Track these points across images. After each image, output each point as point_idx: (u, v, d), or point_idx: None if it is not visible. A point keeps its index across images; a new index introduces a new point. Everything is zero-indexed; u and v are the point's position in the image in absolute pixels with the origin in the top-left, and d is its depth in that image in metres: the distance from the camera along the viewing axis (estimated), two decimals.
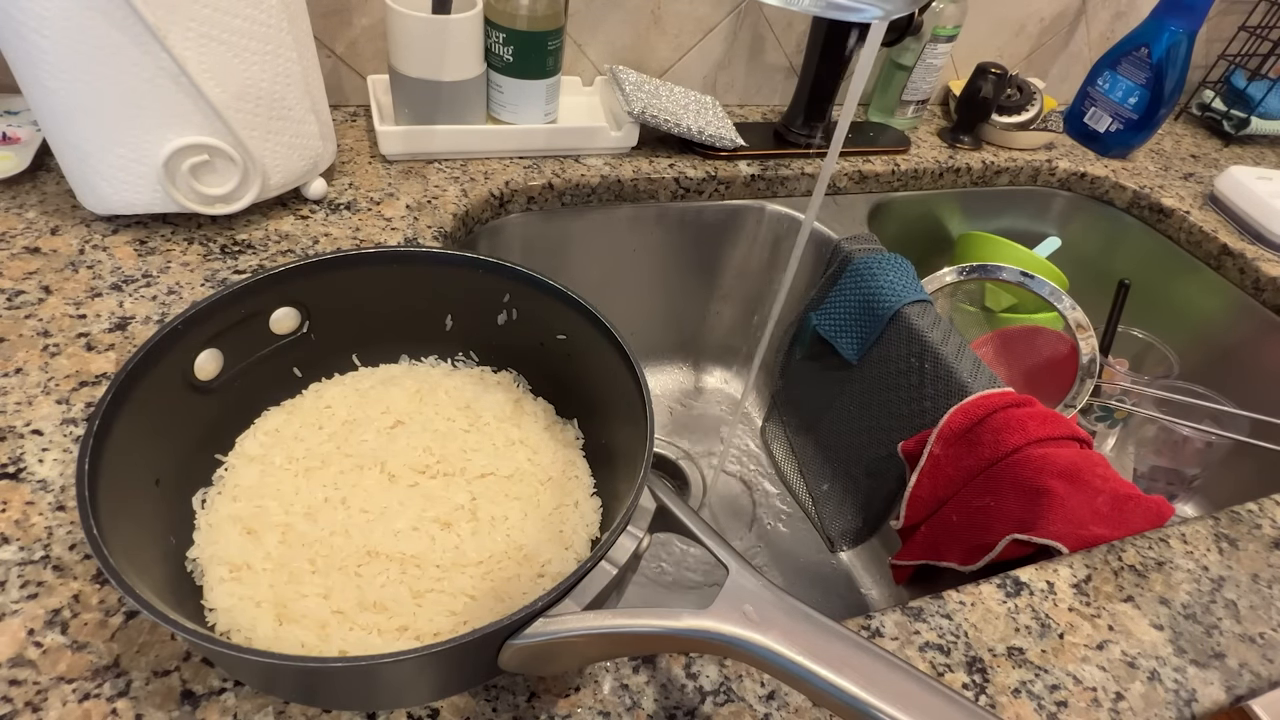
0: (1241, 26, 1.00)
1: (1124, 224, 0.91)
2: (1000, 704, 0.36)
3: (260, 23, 0.48)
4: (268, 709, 0.31)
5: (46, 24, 0.43)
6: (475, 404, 0.41)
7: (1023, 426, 0.53)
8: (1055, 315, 0.73)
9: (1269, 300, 0.78)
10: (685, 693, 0.35)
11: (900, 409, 0.66)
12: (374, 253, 0.39)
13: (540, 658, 0.28)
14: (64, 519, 0.37)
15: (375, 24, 0.70)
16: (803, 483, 0.78)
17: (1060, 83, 1.05)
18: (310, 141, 0.56)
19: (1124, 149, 0.93)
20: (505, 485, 0.38)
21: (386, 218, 0.60)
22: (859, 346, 0.69)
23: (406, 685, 0.28)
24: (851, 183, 0.81)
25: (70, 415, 0.41)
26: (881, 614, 0.39)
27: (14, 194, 0.55)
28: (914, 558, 0.59)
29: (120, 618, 0.33)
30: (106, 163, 0.49)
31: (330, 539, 0.34)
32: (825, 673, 0.25)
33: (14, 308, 0.46)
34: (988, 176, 0.88)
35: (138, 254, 0.52)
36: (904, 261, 0.68)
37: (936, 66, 0.84)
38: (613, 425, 0.38)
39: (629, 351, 0.36)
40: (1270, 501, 0.50)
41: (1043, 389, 0.71)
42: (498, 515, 0.36)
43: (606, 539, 0.29)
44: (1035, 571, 0.43)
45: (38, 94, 0.47)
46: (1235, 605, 0.43)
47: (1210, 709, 0.38)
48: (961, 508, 0.55)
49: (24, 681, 0.31)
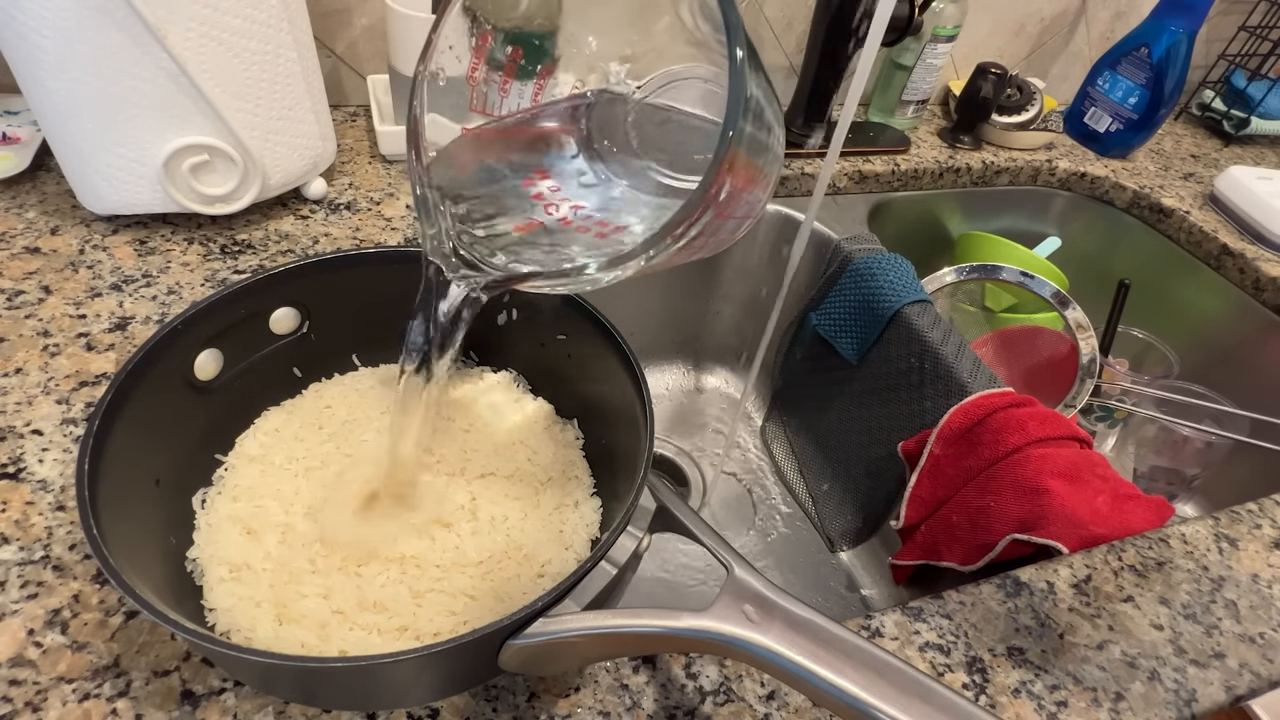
0: (1241, 26, 1.00)
1: (1124, 224, 0.91)
2: (1000, 704, 0.36)
3: (260, 23, 0.48)
4: (268, 709, 0.31)
5: (46, 24, 0.43)
6: (476, 404, 0.41)
7: (1023, 426, 0.53)
8: (1055, 315, 0.73)
9: (1269, 300, 0.78)
10: (685, 693, 0.35)
11: (900, 409, 0.65)
12: (374, 253, 0.39)
13: (540, 658, 0.28)
14: (64, 519, 0.37)
15: (375, 24, 0.70)
16: (803, 483, 0.78)
17: (1060, 83, 1.05)
18: (310, 141, 0.56)
19: (1124, 149, 0.93)
20: (505, 485, 0.38)
21: (386, 218, 0.60)
22: (859, 346, 0.69)
23: (406, 685, 0.28)
24: (851, 183, 0.81)
25: (70, 415, 0.41)
26: (881, 614, 0.39)
27: (14, 194, 0.55)
28: (914, 558, 0.59)
29: (120, 618, 0.33)
30: (106, 163, 0.49)
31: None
32: (825, 673, 0.25)
33: (14, 308, 0.46)
34: (988, 176, 0.88)
35: (138, 254, 0.52)
36: (904, 261, 0.68)
37: (936, 66, 0.84)
38: (613, 425, 0.38)
39: (629, 351, 0.36)
40: (1270, 501, 0.50)
41: (1043, 389, 0.71)
42: (498, 515, 0.36)
43: (606, 539, 0.29)
44: (1035, 571, 0.43)
45: (38, 94, 0.47)
46: (1235, 605, 0.43)
47: (1210, 709, 0.38)
48: (961, 508, 0.55)
49: (24, 681, 0.31)
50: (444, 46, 0.30)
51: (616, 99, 0.34)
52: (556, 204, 0.32)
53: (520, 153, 0.34)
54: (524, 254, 0.30)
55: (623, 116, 0.34)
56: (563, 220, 0.32)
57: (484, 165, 0.33)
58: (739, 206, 0.26)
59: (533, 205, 0.32)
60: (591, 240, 0.31)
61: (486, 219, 0.32)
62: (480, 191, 0.32)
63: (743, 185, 0.25)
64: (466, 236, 0.31)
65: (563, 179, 0.33)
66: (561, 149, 0.34)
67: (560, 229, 0.31)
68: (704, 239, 0.26)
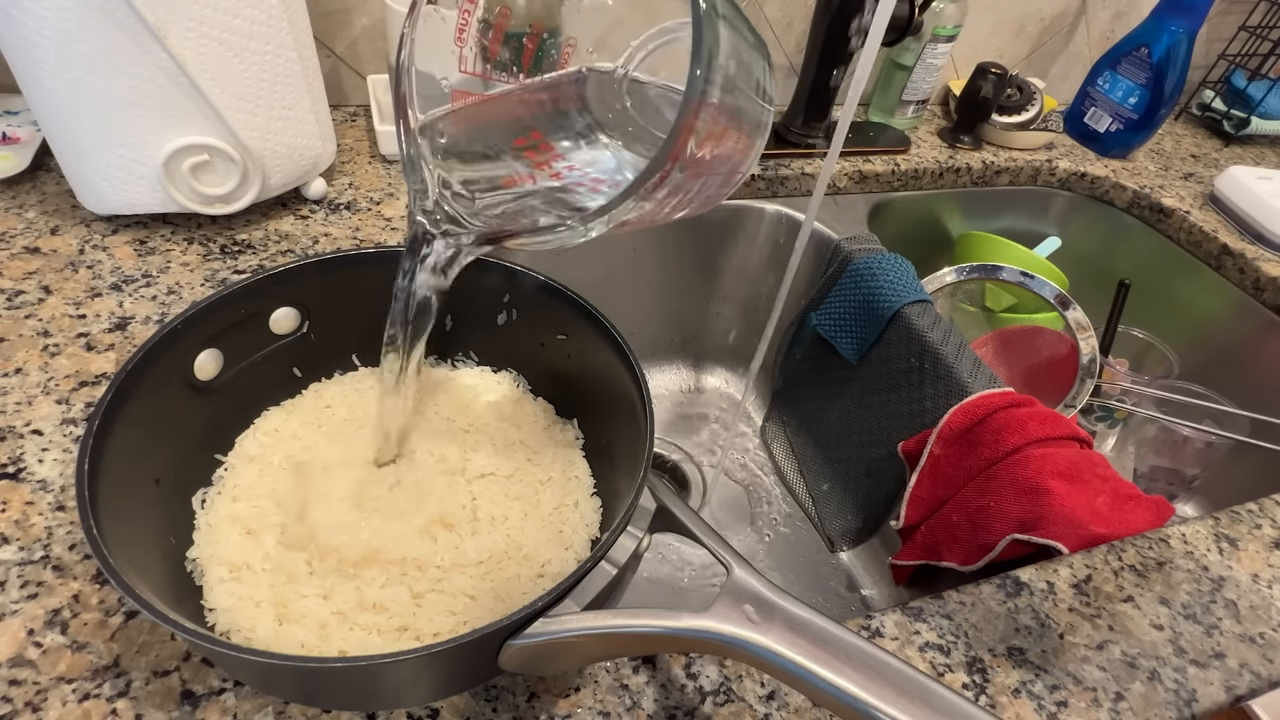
0: (1241, 26, 1.00)
1: (1124, 224, 0.91)
2: (1000, 704, 0.36)
3: (260, 23, 0.48)
4: (268, 709, 0.31)
5: (46, 24, 0.43)
6: (475, 404, 0.41)
7: (1023, 426, 0.53)
8: (1055, 315, 0.73)
9: (1269, 300, 0.78)
10: (685, 693, 0.35)
11: (900, 409, 0.66)
12: (374, 253, 0.39)
13: (540, 658, 0.28)
14: (64, 519, 0.37)
15: (375, 24, 0.70)
16: (803, 483, 0.78)
17: (1060, 83, 1.05)
18: (310, 141, 0.56)
19: (1124, 149, 0.93)
20: (505, 485, 0.38)
21: (386, 218, 0.60)
22: (859, 346, 0.69)
23: (406, 685, 0.28)
24: (851, 183, 0.81)
25: (70, 415, 0.41)
26: (881, 614, 0.39)
27: (14, 194, 0.55)
28: (914, 558, 0.59)
29: (120, 618, 0.33)
30: (106, 163, 0.49)
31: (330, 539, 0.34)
32: (825, 673, 0.25)
33: (14, 308, 0.46)
34: (988, 176, 0.88)
35: (138, 254, 0.52)
36: (904, 261, 0.68)
37: (936, 66, 0.84)
38: (613, 425, 0.38)
39: (629, 351, 0.36)
40: (1270, 501, 0.50)
41: (1043, 389, 0.71)
42: (498, 515, 0.36)
43: (606, 539, 0.29)
44: (1035, 571, 0.43)
45: (38, 94, 0.47)
46: (1235, 605, 0.43)
47: (1210, 709, 0.38)
48: (961, 508, 0.55)
49: (24, 681, 0.31)
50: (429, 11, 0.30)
51: (608, 74, 0.34)
52: (549, 163, 0.32)
53: (515, 117, 0.34)
54: (508, 210, 0.31)
55: (619, 83, 0.34)
56: (554, 176, 0.32)
57: (477, 127, 0.33)
58: (718, 164, 0.26)
59: (525, 165, 0.33)
60: (586, 196, 0.31)
61: (476, 178, 0.32)
62: (471, 151, 0.33)
63: (719, 141, 0.25)
64: (451, 192, 0.31)
65: (558, 141, 0.34)
66: (558, 114, 0.34)
67: (553, 187, 0.32)
68: (682, 196, 0.26)
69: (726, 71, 0.24)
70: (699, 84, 0.23)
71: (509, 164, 0.33)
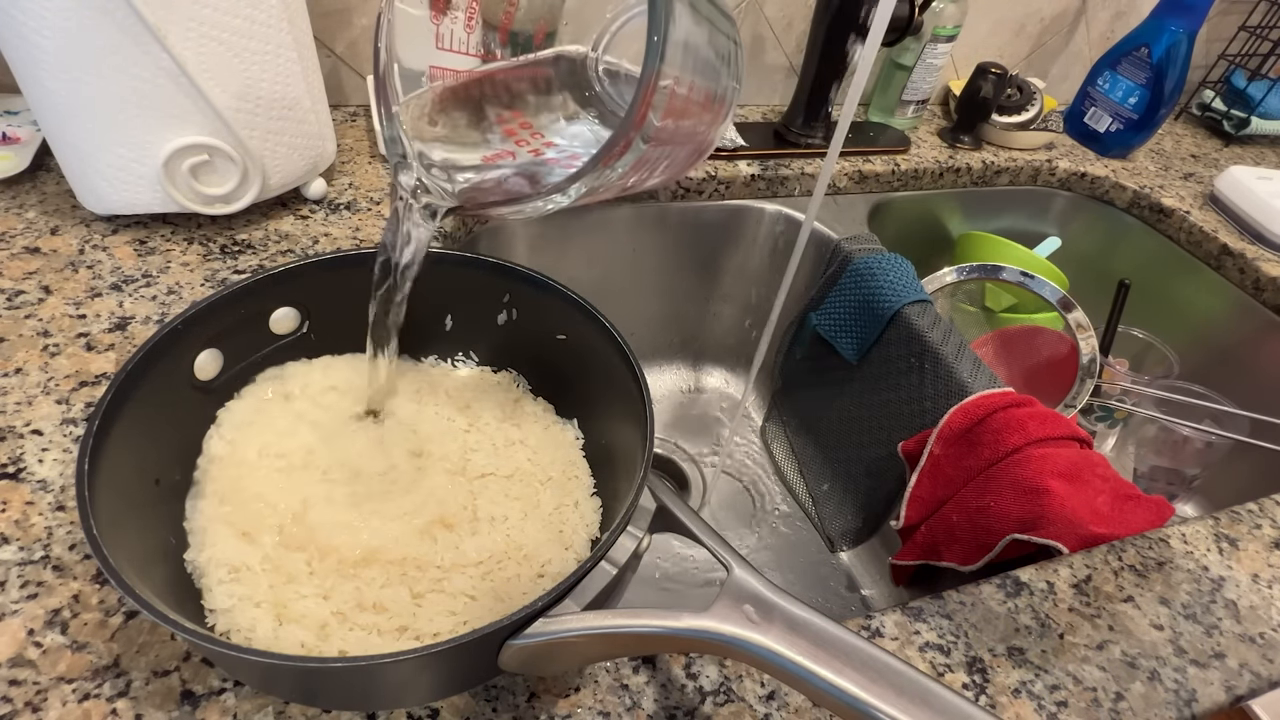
0: (1241, 26, 1.00)
1: (1124, 224, 0.91)
2: (1000, 704, 0.36)
3: (260, 23, 0.48)
4: (268, 709, 0.31)
5: (46, 24, 0.43)
6: (475, 404, 0.41)
7: (1023, 426, 0.53)
8: (1055, 315, 0.73)
9: (1269, 300, 0.78)
10: (685, 693, 0.35)
11: (900, 409, 0.66)
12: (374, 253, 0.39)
13: (540, 658, 0.28)
14: (64, 519, 0.37)
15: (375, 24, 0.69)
16: (803, 483, 0.78)
17: (1060, 83, 1.05)
18: (310, 141, 0.56)
19: (1124, 149, 0.93)
20: (505, 485, 0.38)
21: (386, 217, 0.60)
22: (859, 346, 0.69)
23: (406, 685, 0.28)
24: (851, 183, 0.81)
25: (70, 415, 0.41)
26: (881, 614, 0.39)
27: (14, 194, 0.55)
28: (914, 558, 0.59)
29: (120, 618, 0.33)
30: (106, 163, 0.49)
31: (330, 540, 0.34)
32: (825, 673, 0.25)
33: (14, 308, 0.46)
34: (988, 176, 0.88)
35: (137, 254, 0.52)
36: (904, 261, 0.68)
37: (936, 66, 0.84)
38: (613, 425, 0.38)
39: (629, 351, 0.36)
40: (1270, 501, 0.50)
41: (1043, 389, 0.71)
42: (498, 515, 0.36)
43: (606, 539, 0.29)
44: (1035, 571, 0.43)
45: (38, 94, 0.47)
46: (1235, 605, 0.43)
47: (1210, 709, 0.38)
48: (961, 508, 0.55)
49: (24, 681, 0.31)
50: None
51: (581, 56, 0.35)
52: (529, 140, 0.33)
53: (496, 96, 0.34)
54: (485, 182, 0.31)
55: (592, 64, 0.35)
56: (533, 152, 0.33)
57: (458, 103, 0.34)
58: (682, 135, 0.27)
59: (504, 139, 0.33)
60: (561, 170, 0.32)
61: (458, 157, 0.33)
62: (451, 125, 0.33)
63: (683, 112, 0.26)
64: (429, 164, 0.32)
65: (537, 118, 0.34)
66: (539, 94, 0.35)
67: (532, 162, 0.32)
68: (648, 166, 0.26)
69: (687, 41, 0.24)
70: (655, 54, 0.23)
71: (491, 141, 0.33)
